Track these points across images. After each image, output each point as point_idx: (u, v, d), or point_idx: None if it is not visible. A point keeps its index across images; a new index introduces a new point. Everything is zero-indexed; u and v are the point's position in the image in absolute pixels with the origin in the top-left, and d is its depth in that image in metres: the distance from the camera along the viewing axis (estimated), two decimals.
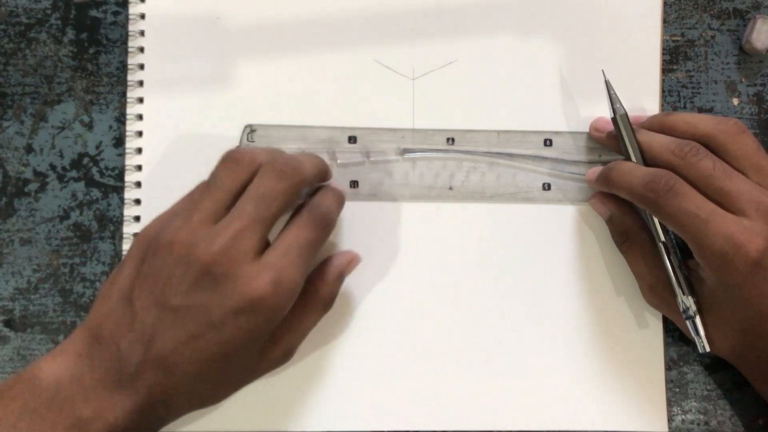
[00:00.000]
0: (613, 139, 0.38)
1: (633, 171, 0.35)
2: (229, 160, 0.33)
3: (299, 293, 0.32)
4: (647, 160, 0.36)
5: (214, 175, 0.33)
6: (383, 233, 0.39)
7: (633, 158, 0.36)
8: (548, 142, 0.39)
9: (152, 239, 0.32)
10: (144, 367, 0.30)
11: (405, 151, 0.39)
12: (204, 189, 0.33)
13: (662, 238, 0.36)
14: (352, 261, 0.37)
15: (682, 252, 0.36)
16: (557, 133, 0.39)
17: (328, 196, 0.35)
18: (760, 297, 0.33)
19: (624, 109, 0.37)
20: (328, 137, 0.39)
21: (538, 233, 0.39)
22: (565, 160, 0.39)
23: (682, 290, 0.35)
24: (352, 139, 0.39)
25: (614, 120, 0.37)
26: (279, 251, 0.31)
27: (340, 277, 0.36)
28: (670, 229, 0.35)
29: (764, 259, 0.32)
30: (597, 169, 0.38)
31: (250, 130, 0.39)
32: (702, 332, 0.35)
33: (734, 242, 0.32)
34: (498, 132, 0.39)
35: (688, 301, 0.35)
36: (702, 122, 0.36)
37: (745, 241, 0.32)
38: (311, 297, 0.35)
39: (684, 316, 0.36)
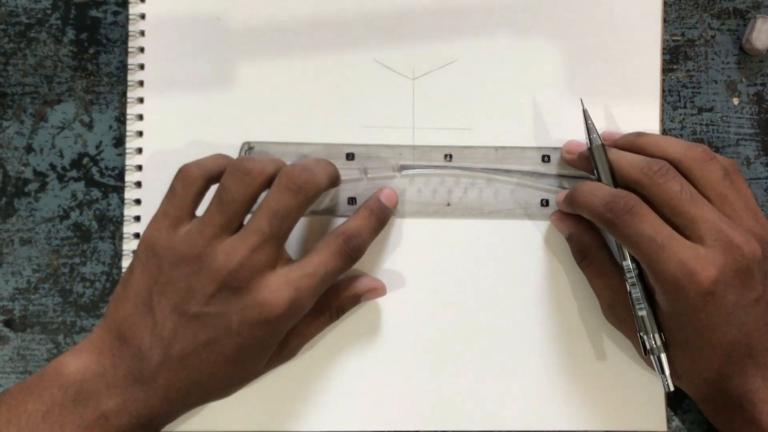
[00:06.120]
0: (584, 161, 0.37)
1: (595, 191, 0.34)
2: (239, 170, 0.33)
3: None
4: (617, 179, 0.35)
5: (224, 186, 0.33)
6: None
7: (603, 180, 0.35)
8: (546, 158, 0.39)
9: (166, 250, 0.33)
10: (163, 367, 0.32)
11: (403, 167, 0.39)
12: (215, 201, 0.33)
13: (628, 265, 0.34)
14: (376, 291, 0.38)
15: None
16: (555, 149, 0.39)
17: (368, 223, 0.36)
18: (711, 328, 0.32)
19: (600, 140, 0.36)
20: (325, 154, 0.39)
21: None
22: (563, 176, 0.39)
23: (646, 329, 0.34)
24: (350, 156, 0.39)
25: (590, 150, 0.36)
26: (303, 272, 0.33)
27: (356, 300, 0.37)
28: (628, 252, 0.34)
29: (716, 289, 0.31)
30: (565, 193, 0.37)
31: (248, 147, 0.39)
32: (667, 370, 0.34)
33: (687, 269, 0.31)
34: (496, 148, 0.39)
35: (652, 340, 0.34)
36: (671, 146, 0.35)
37: (699, 269, 0.31)
38: (322, 306, 0.36)
39: (647, 349, 0.34)
